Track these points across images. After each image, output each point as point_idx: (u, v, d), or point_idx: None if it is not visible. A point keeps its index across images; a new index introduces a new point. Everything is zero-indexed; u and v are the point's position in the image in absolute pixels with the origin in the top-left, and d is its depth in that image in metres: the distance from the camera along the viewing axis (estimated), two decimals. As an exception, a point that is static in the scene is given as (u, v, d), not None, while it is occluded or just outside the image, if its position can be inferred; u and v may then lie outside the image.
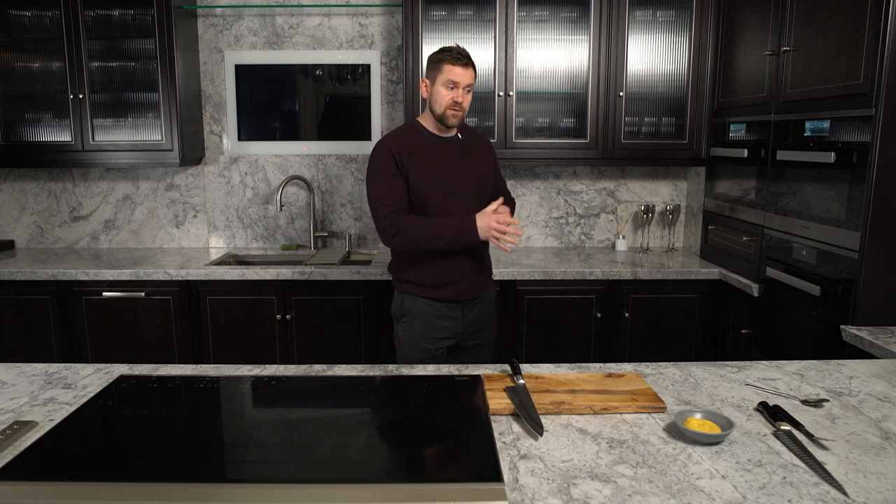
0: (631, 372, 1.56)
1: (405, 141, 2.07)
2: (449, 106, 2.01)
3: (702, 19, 3.01)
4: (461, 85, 2.00)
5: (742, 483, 1.08)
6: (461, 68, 1.99)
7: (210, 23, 3.29)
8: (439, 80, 2.01)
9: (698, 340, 2.95)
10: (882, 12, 1.87)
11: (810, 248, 2.23)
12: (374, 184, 2.04)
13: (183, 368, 1.61)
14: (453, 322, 2.12)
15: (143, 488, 1.04)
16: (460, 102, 2.01)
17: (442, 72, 2.01)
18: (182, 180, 3.41)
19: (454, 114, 2.02)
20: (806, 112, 2.24)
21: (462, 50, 2.03)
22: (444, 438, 1.26)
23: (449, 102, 2.00)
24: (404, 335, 2.14)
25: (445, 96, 2.00)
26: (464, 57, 2.01)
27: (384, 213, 2.01)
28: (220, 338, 2.91)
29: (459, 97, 2.00)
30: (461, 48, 2.04)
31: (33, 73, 3.14)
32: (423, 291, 2.09)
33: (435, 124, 2.08)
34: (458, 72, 1.99)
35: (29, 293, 2.88)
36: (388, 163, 2.03)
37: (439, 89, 2.01)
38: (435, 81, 2.02)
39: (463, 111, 2.04)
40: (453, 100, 2.00)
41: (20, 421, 1.28)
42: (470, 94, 2.05)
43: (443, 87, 2.01)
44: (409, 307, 2.13)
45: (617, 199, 3.45)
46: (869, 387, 1.52)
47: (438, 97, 2.02)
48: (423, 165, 2.04)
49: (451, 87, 2.00)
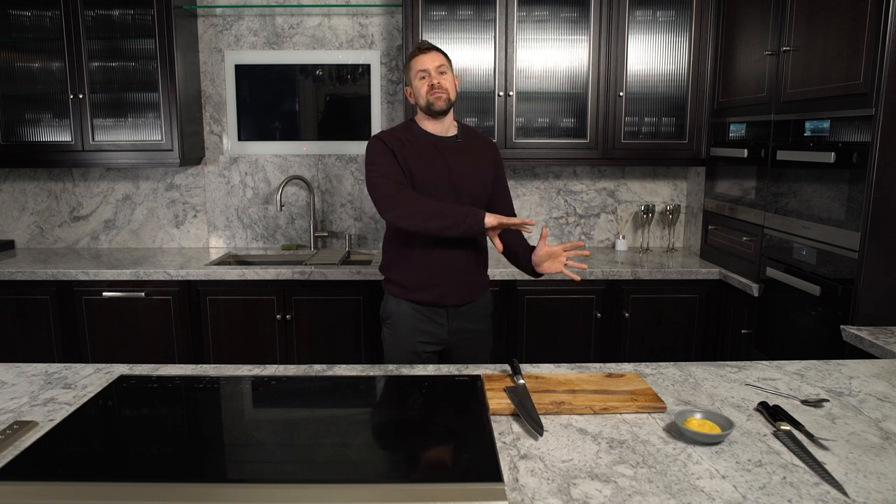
0: (631, 372, 1.56)
1: (399, 136, 2.05)
2: (428, 92, 2.00)
3: (702, 19, 3.01)
4: (431, 69, 2.00)
5: (742, 483, 1.08)
6: (423, 54, 2.01)
7: (210, 23, 3.29)
8: (412, 77, 2.04)
9: (698, 340, 2.95)
10: (882, 12, 1.87)
11: (810, 248, 2.23)
12: (370, 167, 2.01)
13: (183, 368, 1.61)
14: (437, 328, 2.06)
15: (143, 488, 1.04)
16: (437, 83, 1.99)
17: (410, 69, 2.04)
18: (182, 180, 3.41)
19: (437, 96, 1.99)
20: (806, 112, 2.24)
21: (423, 41, 2.07)
22: (444, 438, 1.26)
23: (427, 89, 2.00)
24: (389, 337, 2.12)
25: (421, 86, 2.01)
26: (424, 44, 2.04)
27: (384, 185, 1.95)
28: (220, 338, 2.91)
29: (434, 80, 1.99)
30: (422, 40, 2.09)
31: (33, 73, 3.14)
32: (405, 294, 2.05)
33: (430, 122, 2.05)
34: (422, 59, 2.01)
35: (29, 293, 2.88)
36: (383, 150, 2.01)
37: (415, 84, 2.03)
38: (411, 81, 2.05)
39: (445, 91, 2.00)
40: (430, 84, 1.99)
41: (20, 421, 1.28)
42: (449, 75, 2.03)
43: (416, 80, 2.02)
44: (392, 309, 2.09)
45: (617, 199, 3.45)
46: (869, 387, 1.52)
47: (417, 91, 2.03)
48: (415, 159, 2.01)
49: (423, 77, 2.01)
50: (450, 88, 2.02)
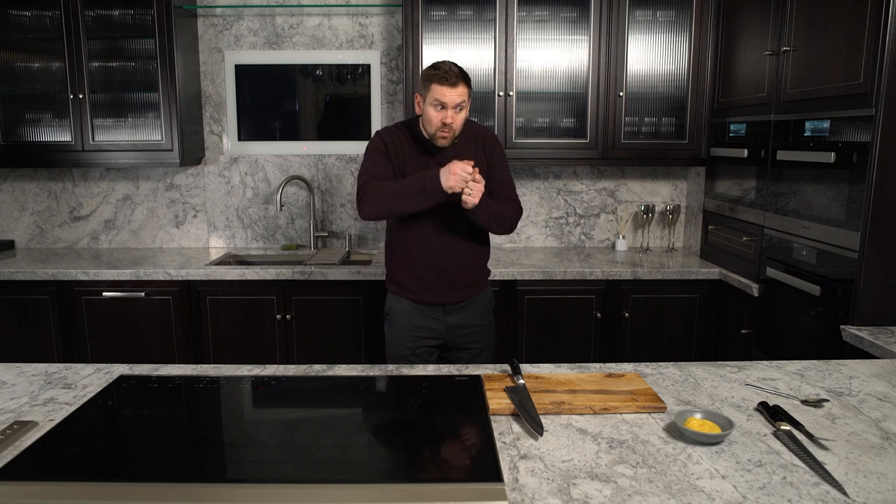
0: (631, 372, 1.56)
1: (400, 133, 2.08)
2: (438, 128, 1.95)
3: (702, 19, 3.01)
4: (449, 105, 1.92)
5: (742, 483, 1.08)
6: (448, 88, 1.90)
7: (210, 23, 3.29)
8: (428, 100, 1.95)
9: (698, 340, 2.95)
10: (882, 12, 1.87)
11: (810, 248, 2.23)
12: (364, 161, 2.06)
13: (183, 368, 1.61)
14: (435, 323, 2.12)
15: (143, 488, 1.04)
16: (449, 124, 1.94)
17: (430, 91, 1.93)
18: (182, 180, 3.41)
19: (443, 136, 1.96)
20: (806, 112, 2.24)
21: (452, 66, 1.93)
22: (444, 438, 1.26)
23: (438, 124, 1.94)
24: (387, 332, 2.20)
25: (434, 118, 1.94)
26: (452, 75, 1.91)
27: (361, 180, 2.00)
28: (220, 338, 2.91)
29: (448, 118, 1.93)
30: (451, 64, 1.94)
31: (33, 73, 3.14)
32: (404, 292, 2.12)
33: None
34: (446, 92, 1.91)
35: (29, 293, 2.88)
36: (377, 147, 2.05)
37: (428, 109, 1.95)
38: (425, 100, 1.96)
39: (453, 132, 1.97)
40: (442, 121, 1.93)
41: (20, 421, 1.28)
42: (463, 112, 1.97)
43: (431, 107, 1.94)
44: (392, 305, 2.17)
45: (617, 199, 3.45)
46: (869, 387, 1.52)
47: (428, 117, 1.96)
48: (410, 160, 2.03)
49: (440, 108, 1.93)
50: (458, 128, 1.99)
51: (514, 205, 2.15)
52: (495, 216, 2.04)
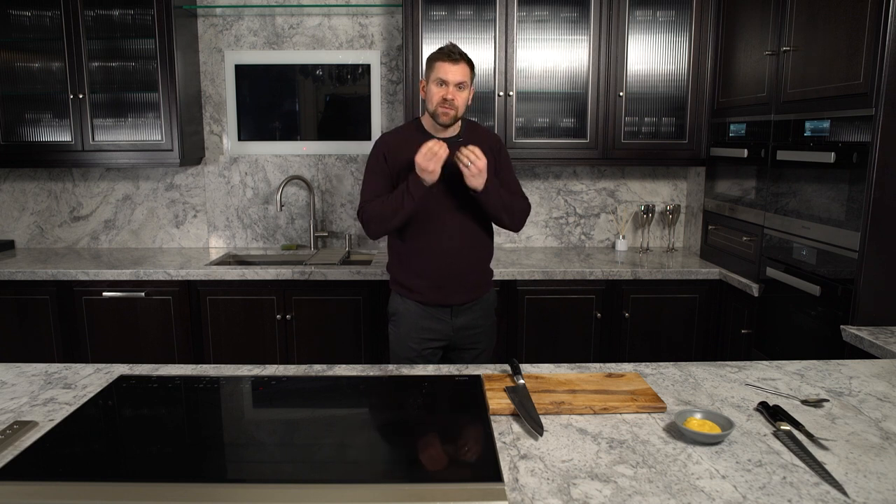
0: (631, 372, 1.56)
1: (400, 138, 2.10)
2: (439, 103, 2.00)
3: (702, 19, 3.01)
4: (451, 82, 1.98)
5: (742, 483, 1.08)
6: (450, 64, 1.98)
7: (210, 23, 3.29)
8: (431, 79, 2.02)
9: (698, 340, 2.95)
10: (882, 12, 1.87)
11: (810, 248, 2.23)
12: (364, 178, 2.14)
13: (183, 368, 1.61)
14: (441, 324, 2.12)
15: (143, 488, 1.04)
16: (450, 99, 1.99)
17: (433, 69, 2.01)
18: (182, 180, 3.41)
19: (445, 111, 2.00)
20: (806, 112, 2.24)
21: (454, 47, 2.01)
22: (444, 438, 1.26)
23: (439, 100, 1.99)
24: (392, 334, 2.18)
25: (436, 94, 2.00)
26: (454, 53, 1.99)
27: (360, 203, 2.11)
28: (220, 338, 2.91)
29: (449, 94, 1.98)
30: (454, 45, 2.02)
31: (33, 73, 3.14)
32: (410, 294, 2.11)
33: (433, 124, 2.08)
34: (447, 68, 1.98)
35: (29, 293, 2.88)
36: (377, 158, 2.11)
37: (431, 87, 2.02)
38: (428, 80, 2.03)
39: (455, 109, 2.01)
40: (443, 97, 1.98)
41: (20, 421, 1.28)
42: (465, 92, 2.02)
43: (434, 84, 2.01)
44: (397, 307, 2.16)
45: (617, 199, 3.45)
46: (869, 387, 1.52)
47: (430, 95, 2.02)
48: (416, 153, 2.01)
49: (441, 84, 1.99)
50: (460, 106, 2.03)
51: (524, 201, 2.20)
52: (505, 205, 2.08)
